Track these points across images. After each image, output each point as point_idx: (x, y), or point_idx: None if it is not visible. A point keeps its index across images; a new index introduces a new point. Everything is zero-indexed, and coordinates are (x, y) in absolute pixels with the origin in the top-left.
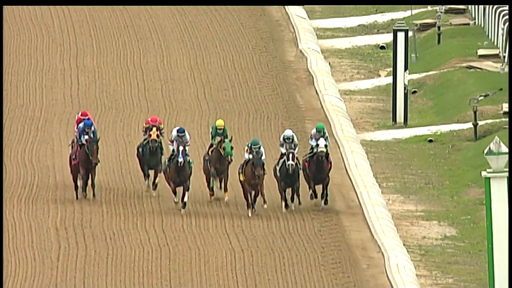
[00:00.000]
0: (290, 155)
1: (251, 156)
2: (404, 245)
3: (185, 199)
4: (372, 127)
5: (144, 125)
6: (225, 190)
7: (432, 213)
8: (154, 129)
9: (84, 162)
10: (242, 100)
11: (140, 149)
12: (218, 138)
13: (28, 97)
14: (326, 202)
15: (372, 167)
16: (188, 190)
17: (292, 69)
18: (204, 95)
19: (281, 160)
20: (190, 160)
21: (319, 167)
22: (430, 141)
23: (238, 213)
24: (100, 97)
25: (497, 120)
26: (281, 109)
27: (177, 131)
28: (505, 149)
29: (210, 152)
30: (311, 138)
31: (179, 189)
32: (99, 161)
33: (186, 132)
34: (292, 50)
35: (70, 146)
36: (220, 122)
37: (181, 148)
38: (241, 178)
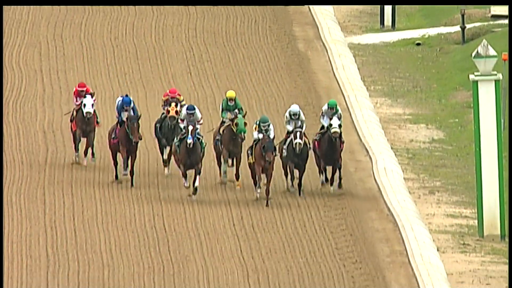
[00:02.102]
0: (298, 133)
1: (260, 136)
2: (391, 148)
3: (196, 183)
4: (360, 30)
5: (163, 98)
6: (237, 177)
7: (419, 116)
8: (173, 104)
9: (124, 141)
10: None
11: (157, 125)
12: (229, 115)
13: None
14: (340, 186)
15: (359, 71)
16: (199, 173)
17: None
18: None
19: (288, 139)
20: (202, 141)
21: (331, 148)
22: (418, 44)
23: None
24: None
25: (485, 23)
26: (268, 12)
27: (187, 108)
28: (492, 52)
29: (221, 131)
30: (322, 116)
31: (190, 172)
32: (140, 138)
33: (197, 110)
34: None
35: (70, 118)
36: (231, 94)
37: (190, 127)
38: (250, 161)
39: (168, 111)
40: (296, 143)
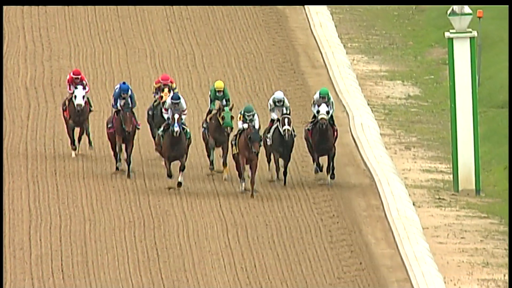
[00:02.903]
0: (286, 120)
1: (245, 126)
2: (368, 104)
3: (180, 179)
4: None
5: (155, 85)
6: (224, 164)
7: (396, 73)
8: (166, 90)
9: (120, 130)
10: None
11: (150, 112)
12: (217, 104)
13: None
14: (332, 176)
15: (336, 28)
16: (183, 169)
17: None
18: None
19: (273, 127)
20: (188, 131)
21: (322, 137)
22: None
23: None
24: None
25: None
26: None
27: (172, 98)
28: (468, 10)
29: (208, 119)
30: (314, 105)
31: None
32: (138, 128)
33: (182, 99)
34: None
35: (62, 107)
36: (219, 84)
37: (176, 116)
38: (234, 151)
39: (161, 97)
40: (284, 130)
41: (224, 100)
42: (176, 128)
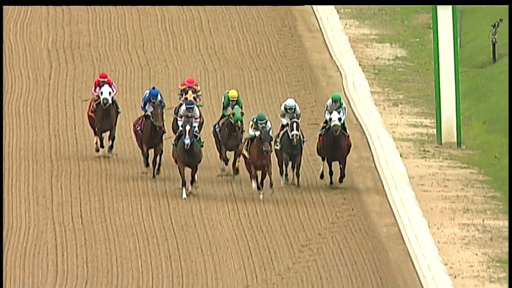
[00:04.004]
0: (294, 125)
1: (257, 133)
2: (359, 65)
3: (191, 189)
4: None
5: (180, 87)
6: (234, 167)
7: (385, 36)
8: (190, 92)
9: (148, 136)
10: None
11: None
12: (230, 110)
13: None
14: (341, 181)
15: None
16: (194, 181)
17: None
18: None
19: (282, 132)
20: (200, 138)
21: (334, 143)
22: None
23: None
24: None
25: None
26: None
27: (186, 104)
28: None
29: (220, 124)
30: (326, 111)
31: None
32: (161, 126)
33: (196, 107)
34: None
35: (89, 105)
36: (233, 93)
37: (188, 127)
38: (246, 155)
39: (186, 98)
40: (293, 135)
41: (236, 105)
42: (187, 141)
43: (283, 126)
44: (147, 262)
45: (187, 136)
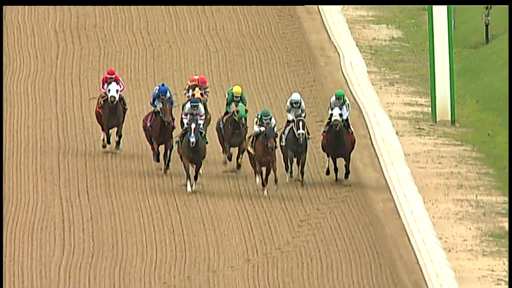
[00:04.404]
0: (300, 123)
1: (262, 129)
2: (356, 45)
3: (194, 187)
4: None
5: (189, 82)
6: (238, 165)
7: (381, 18)
8: (197, 88)
9: (158, 132)
10: None
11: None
12: (233, 106)
13: None
14: (346, 177)
15: None
16: (196, 179)
17: None
18: None
19: (288, 128)
20: (205, 136)
21: (337, 140)
22: None
23: None
24: None
25: None
26: None
27: (191, 101)
28: None
29: (224, 120)
30: (330, 107)
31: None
32: (169, 121)
33: (201, 104)
34: None
35: (97, 101)
36: (237, 89)
37: (193, 125)
38: (251, 151)
39: (193, 95)
40: (299, 133)
41: (240, 102)
42: (192, 139)
43: (288, 122)
44: (151, 236)
45: (192, 134)
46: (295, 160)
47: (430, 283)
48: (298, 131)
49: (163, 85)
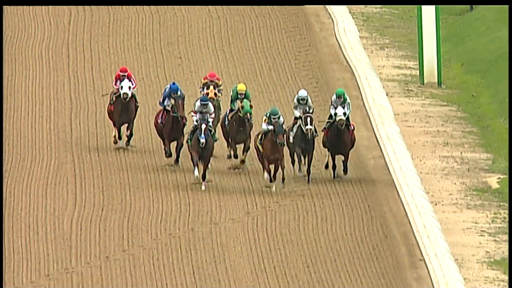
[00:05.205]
0: (308, 119)
1: (270, 127)
2: (349, 12)
3: (203, 187)
4: None
5: (202, 80)
6: (242, 161)
7: None
8: (212, 87)
9: (170, 129)
10: None
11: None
12: (238, 103)
13: None
14: (345, 172)
15: None
16: (204, 178)
17: None
18: None
19: (296, 125)
20: (214, 134)
21: (338, 137)
22: None
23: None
24: None
25: None
26: None
27: (201, 100)
28: None
29: (229, 118)
30: (331, 106)
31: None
32: (183, 115)
33: (210, 103)
34: None
35: (109, 98)
36: (241, 87)
37: (203, 126)
38: (260, 149)
39: (207, 93)
40: (307, 129)
41: (245, 99)
42: (202, 140)
43: (295, 119)
44: (157, 191)
45: (202, 135)
46: (303, 158)
47: (418, 234)
48: (306, 127)
49: (174, 83)
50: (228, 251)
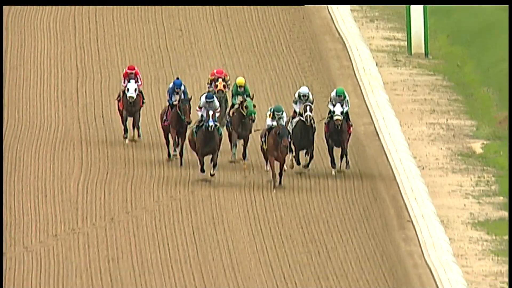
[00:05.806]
0: (308, 107)
1: (274, 123)
2: None
3: (212, 171)
4: None
5: (209, 77)
6: (244, 157)
7: None
8: (220, 80)
9: (175, 123)
10: None
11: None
12: (239, 98)
13: None
14: (347, 166)
15: None
16: (216, 165)
17: None
18: None
19: (295, 120)
20: (220, 129)
21: (337, 133)
22: None
23: None
24: None
25: None
26: None
27: (206, 97)
28: None
29: (231, 114)
30: (330, 102)
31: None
32: (190, 121)
33: (215, 99)
34: None
35: (117, 100)
36: (240, 80)
37: (211, 112)
38: (264, 147)
39: (216, 86)
40: (307, 115)
41: (245, 95)
42: (211, 123)
43: (295, 113)
44: (159, 156)
45: (210, 119)
46: (301, 152)
47: (406, 196)
48: (306, 113)
49: (178, 78)
50: (226, 213)
